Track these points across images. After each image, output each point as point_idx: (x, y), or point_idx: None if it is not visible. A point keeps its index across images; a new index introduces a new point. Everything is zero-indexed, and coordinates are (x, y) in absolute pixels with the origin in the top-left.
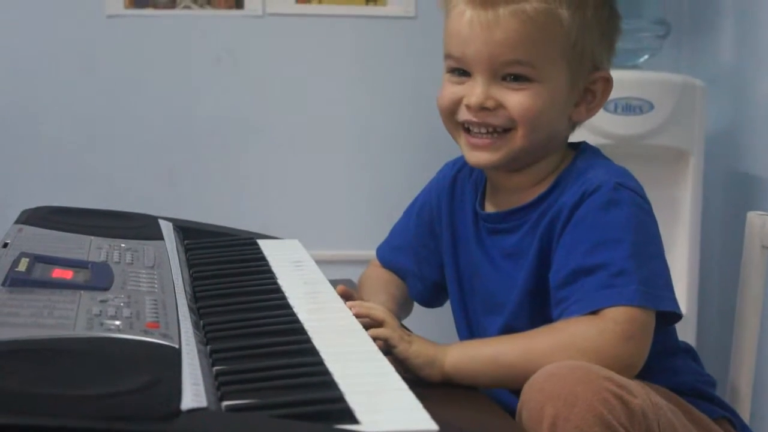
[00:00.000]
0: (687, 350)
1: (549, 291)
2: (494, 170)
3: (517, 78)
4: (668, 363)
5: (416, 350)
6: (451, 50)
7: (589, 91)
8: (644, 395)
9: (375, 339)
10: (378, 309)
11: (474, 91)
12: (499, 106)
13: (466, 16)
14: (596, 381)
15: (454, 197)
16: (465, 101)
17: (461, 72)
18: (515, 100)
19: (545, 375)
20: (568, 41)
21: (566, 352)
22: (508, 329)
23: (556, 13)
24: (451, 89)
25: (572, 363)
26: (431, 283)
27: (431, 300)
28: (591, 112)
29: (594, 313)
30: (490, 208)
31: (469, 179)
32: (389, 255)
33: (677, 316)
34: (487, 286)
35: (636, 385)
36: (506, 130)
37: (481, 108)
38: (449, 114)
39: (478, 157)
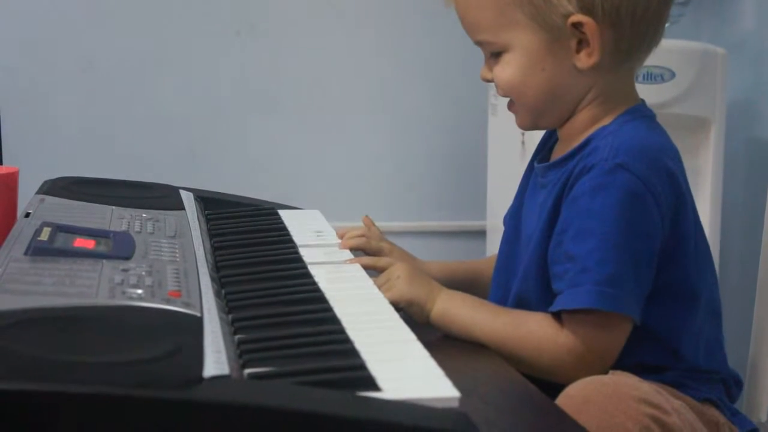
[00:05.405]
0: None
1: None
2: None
3: (494, 51)
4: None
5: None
6: None
7: (581, 34)
8: (674, 409)
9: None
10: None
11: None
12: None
13: None
14: (634, 407)
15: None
16: None
17: None
18: (495, 72)
19: (580, 400)
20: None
21: (525, 350)
22: (518, 295)
23: None
24: None
25: (603, 383)
26: None
27: None
28: (593, 57)
29: (560, 312)
30: None
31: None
32: None
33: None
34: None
35: (663, 399)
36: None
37: (488, 81)
38: None
39: (515, 121)
